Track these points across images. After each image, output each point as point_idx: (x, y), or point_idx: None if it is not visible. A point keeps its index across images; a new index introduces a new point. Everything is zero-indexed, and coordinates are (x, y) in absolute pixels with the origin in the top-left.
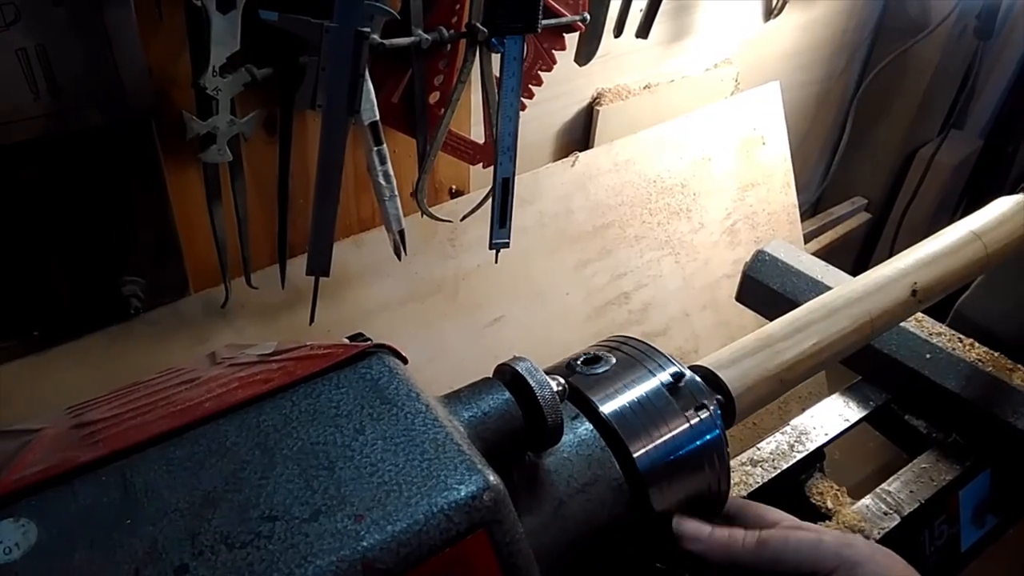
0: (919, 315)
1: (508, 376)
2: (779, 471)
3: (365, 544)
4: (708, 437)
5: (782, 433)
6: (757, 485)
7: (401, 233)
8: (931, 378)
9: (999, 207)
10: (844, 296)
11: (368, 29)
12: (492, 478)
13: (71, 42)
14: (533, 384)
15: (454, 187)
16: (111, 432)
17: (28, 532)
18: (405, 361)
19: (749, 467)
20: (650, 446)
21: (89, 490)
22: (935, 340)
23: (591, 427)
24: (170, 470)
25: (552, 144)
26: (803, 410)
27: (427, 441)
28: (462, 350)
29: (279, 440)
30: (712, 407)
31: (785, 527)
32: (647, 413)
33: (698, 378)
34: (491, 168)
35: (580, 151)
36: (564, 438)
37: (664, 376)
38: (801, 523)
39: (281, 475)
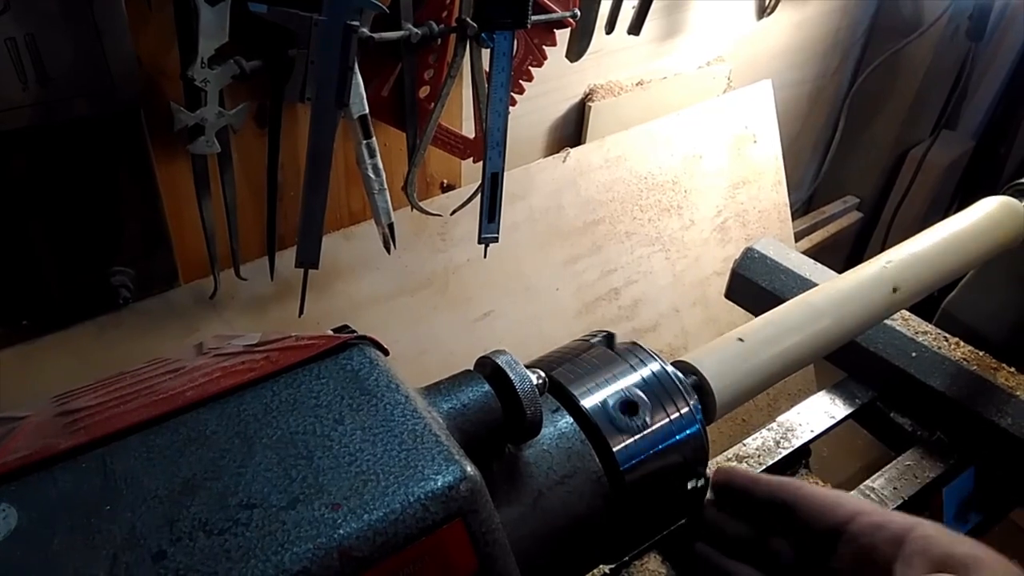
0: (905, 313)
1: (488, 369)
2: (765, 467)
3: (342, 532)
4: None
5: (768, 429)
6: None
7: (391, 226)
8: (916, 376)
9: (984, 207)
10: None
11: (357, 23)
12: (469, 469)
13: (60, 32)
14: (513, 377)
15: (445, 181)
16: (93, 420)
17: (8, 517)
18: (387, 353)
19: (735, 463)
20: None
21: (69, 476)
22: (921, 339)
23: (571, 420)
24: (150, 457)
25: (544, 140)
26: (792, 407)
27: (405, 432)
28: (452, 344)
29: (259, 429)
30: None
31: (863, 538)
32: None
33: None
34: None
35: (572, 147)
36: (544, 431)
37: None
38: (886, 520)
39: (260, 464)
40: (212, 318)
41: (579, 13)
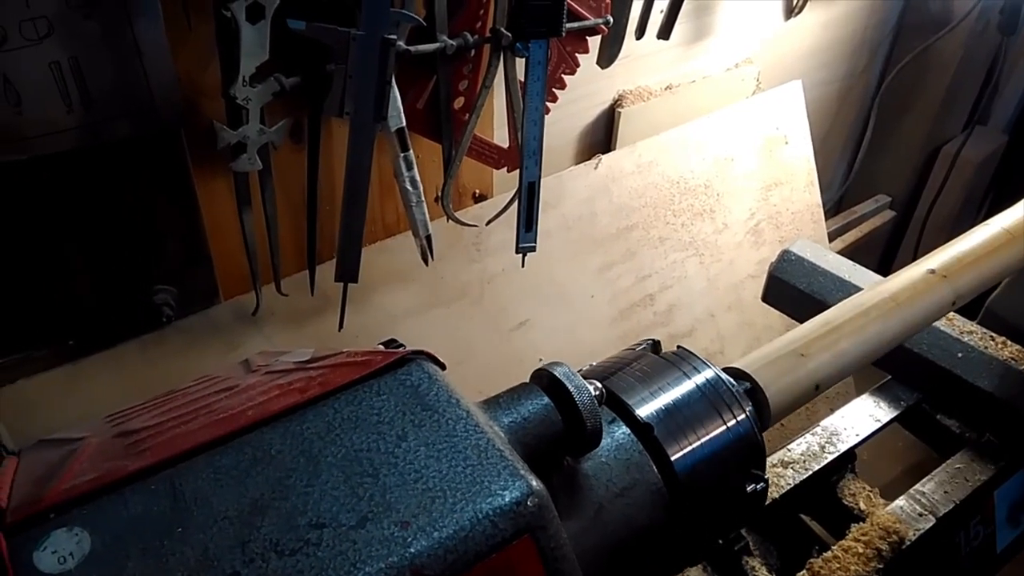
0: (949, 313)
1: (546, 381)
2: (810, 472)
3: (413, 550)
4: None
5: (812, 434)
6: (789, 487)
7: (428, 238)
8: (963, 377)
9: None
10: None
11: (394, 36)
12: (535, 483)
13: (102, 54)
14: (571, 389)
15: (477, 191)
16: (157, 441)
17: (82, 541)
18: (443, 367)
19: (780, 468)
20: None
21: (139, 499)
22: (966, 339)
23: (628, 431)
24: (217, 478)
25: (574, 147)
26: (831, 410)
27: (469, 447)
28: (488, 354)
29: (323, 447)
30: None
31: None
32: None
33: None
34: (514, 172)
35: (602, 153)
36: (602, 442)
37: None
38: None
39: (327, 482)
40: (253, 334)
41: (611, 19)
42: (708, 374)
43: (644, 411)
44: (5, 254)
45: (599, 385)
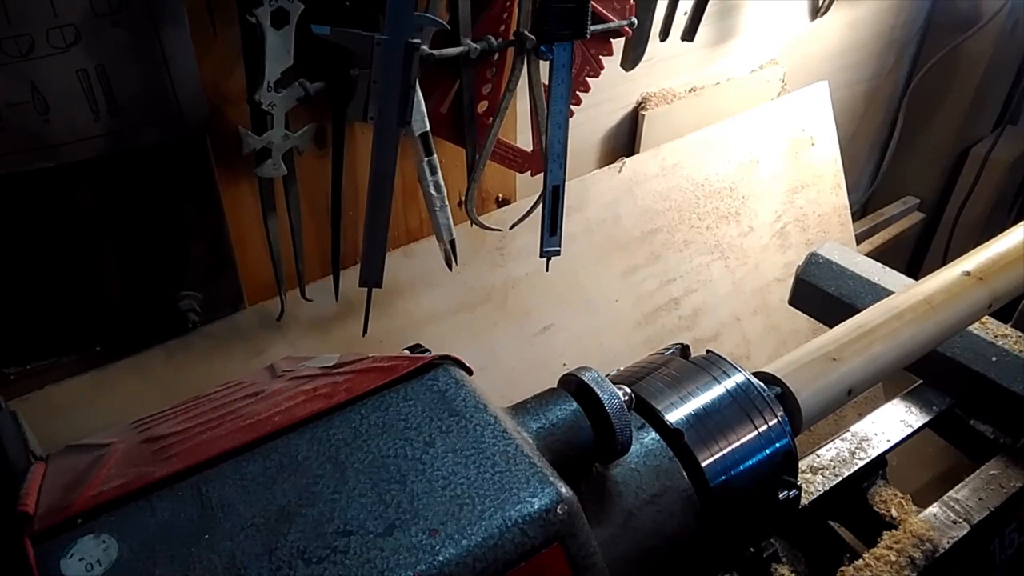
0: (983, 316)
1: (574, 386)
2: (840, 478)
3: (441, 559)
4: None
5: (842, 439)
6: (818, 493)
7: (452, 243)
8: (998, 382)
9: None
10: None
11: (418, 40)
12: (565, 490)
13: (129, 61)
14: (601, 394)
15: (501, 196)
16: (183, 447)
17: (109, 548)
18: (470, 372)
19: (809, 474)
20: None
21: (167, 505)
22: (1001, 342)
23: (657, 437)
24: (244, 484)
25: (597, 150)
26: (859, 415)
27: (497, 453)
28: (512, 359)
29: (350, 454)
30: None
31: None
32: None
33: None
34: (537, 176)
35: (626, 156)
36: (631, 448)
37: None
38: None
39: (354, 489)
40: (277, 339)
41: (635, 21)
42: (738, 378)
43: (674, 416)
44: (32, 261)
45: (628, 390)
